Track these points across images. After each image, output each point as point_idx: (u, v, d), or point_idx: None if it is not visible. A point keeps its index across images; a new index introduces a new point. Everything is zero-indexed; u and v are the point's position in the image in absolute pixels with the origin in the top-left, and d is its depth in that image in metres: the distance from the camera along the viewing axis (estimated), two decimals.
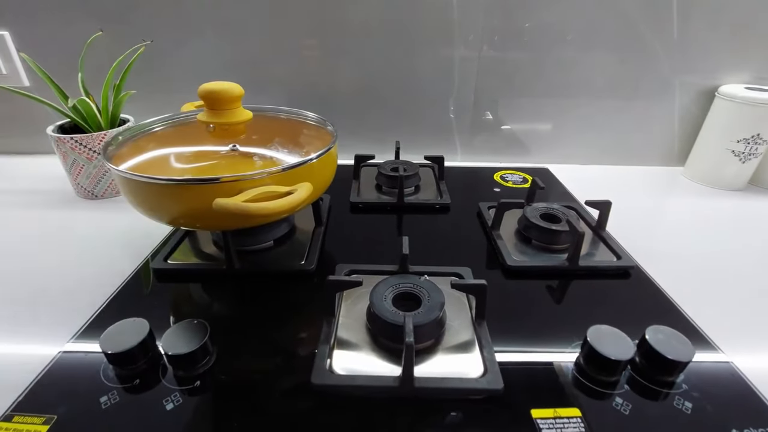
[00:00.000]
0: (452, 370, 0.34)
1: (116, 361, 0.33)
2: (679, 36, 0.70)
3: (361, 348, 0.36)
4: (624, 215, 0.57)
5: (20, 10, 0.67)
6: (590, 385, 0.34)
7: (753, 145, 0.69)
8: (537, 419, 0.31)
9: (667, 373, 0.34)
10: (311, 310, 0.42)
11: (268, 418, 0.31)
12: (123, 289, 0.44)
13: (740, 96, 0.68)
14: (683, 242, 0.57)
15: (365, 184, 0.68)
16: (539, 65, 0.73)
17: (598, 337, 0.34)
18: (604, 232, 0.53)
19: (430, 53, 0.72)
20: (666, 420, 0.31)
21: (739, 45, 0.71)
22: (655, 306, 0.43)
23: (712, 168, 0.75)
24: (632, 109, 0.77)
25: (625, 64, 0.73)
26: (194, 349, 0.33)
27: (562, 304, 0.44)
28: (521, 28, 0.70)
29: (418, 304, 0.37)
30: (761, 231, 0.61)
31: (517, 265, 0.48)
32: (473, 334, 0.37)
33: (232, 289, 0.45)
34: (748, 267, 0.52)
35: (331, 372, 0.34)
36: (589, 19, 0.70)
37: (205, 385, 0.33)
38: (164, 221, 0.41)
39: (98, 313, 0.40)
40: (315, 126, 0.53)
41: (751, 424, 0.31)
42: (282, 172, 0.39)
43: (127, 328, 0.34)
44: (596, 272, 0.48)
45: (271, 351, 0.37)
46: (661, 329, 0.35)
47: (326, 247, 0.52)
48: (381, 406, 0.32)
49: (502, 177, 0.73)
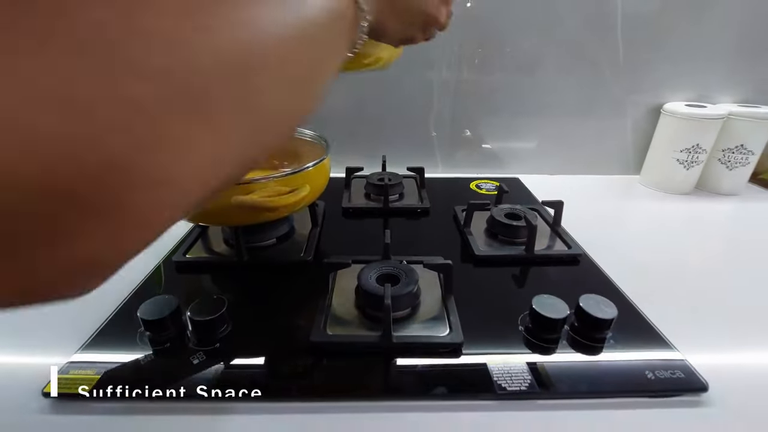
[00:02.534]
0: (424, 333, 0.42)
1: (151, 327, 0.41)
2: (625, 61, 0.81)
3: (351, 318, 0.44)
4: (585, 218, 0.66)
5: None
6: (535, 341, 0.42)
7: (694, 154, 0.79)
8: (490, 365, 0.39)
9: (597, 330, 0.42)
10: (309, 291, 0.50)
11: (276, 369, 0.39)
12: (148, 279, 0.52)
13: (681, 112, 0.79)
14: (634, 237, 0.66)
15: (355, 192, 0.76)
16: (511, 88, 0.84)
17: (541, 303, 0.43)
18: (559, 227, 0.62)
19: (413, 77, 0.82)
20: (594, 366, 0.39)
21: (680, 68, 0.82)
22: (596, 284, 0.51)
23: (662, 175, 0.84)
24: (591, 125, 0.88)
25: (582, 86, 0.84)
26: (215, 316, 0.41)
27: (519, 284, 0.52)
28: (495, 56, 0.81)
29: (398, 282, 0.45)
30: (703, 228, 0.71)
31: (483, 254, 0.56)
32: (442, 305, 0.46)
33: (242, 277, 0.53)
34: (688, 255, 0.61)
35: (326, 332, 0.42)
36: (550, 48, 0.81)
37: (224, 347, 0.41)
38: (188, 218, 0.50)
39: (131, 295, 0.48)
40: (311, 141, 0.63)
41: (662, 366, 0.39)
42: (285, 177, 0.48)
43: (159, 301, 0.42)
44: (550, 259, 0.57)
45: (277, 322, 0.45)
46: (592, 296, 0.44)
47: (321, 244, 0.60)
48: (367, 360, 0.40)
49: (477, 185, 0.83)
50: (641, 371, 0.39)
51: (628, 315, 0.46)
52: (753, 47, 0.81)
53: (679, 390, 0.37)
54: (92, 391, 0.35)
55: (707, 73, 0.83)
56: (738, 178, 0.82)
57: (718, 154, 0.81)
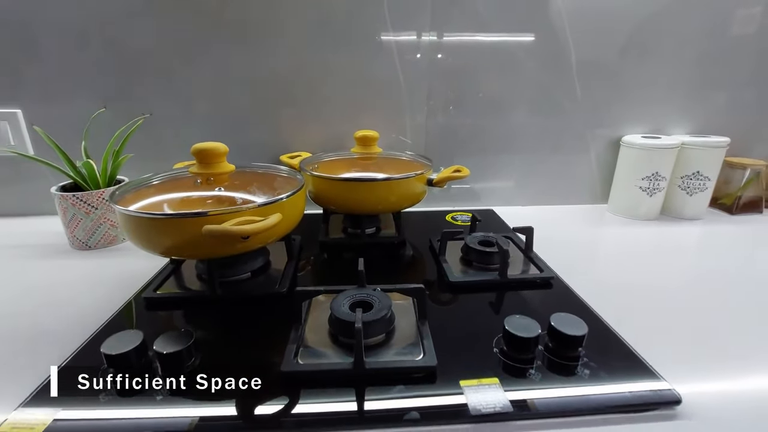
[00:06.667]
0: (398, 358, 0.42)
1: (114, 363, 0.39)
2: (584, 99, 0.87)
3: (324, 347, 0.44)
4: (557, 245, 0.67)
5: (33, 92, 0.79)
6: (509, 362, 0.42)
7: (655, 181, 0.84)
8: (464, 386, 0.38)
9: (570, 347, 0.42)
10: (283, 323, 0.49)
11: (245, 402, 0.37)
12: (116, 317, 0.50)
13: (638, 143, 0.84)
14: (605, 261, 0.68)
15: (333, 227, 0.77)
16: (482, 129, 0.88)
17: (513, 324, 0.43)
18: (531, 252, 0.64)
19: (387, 122, 0.86)
20: (569, 383, 0.39)
21: (634, 104, 0.89)
22: (569, 305, 0.52)
23: (628, 202, 0.88)
24: (559, 159, 0.92)
25: (548, 124, 0.89)
26: (182, 348, 0.40)
27: (494, 308, 0.53)
28: (466, 101, 0.86)
29: (371, 308, 0.45)
30: (669, 251, 0.73)
31: (457, 280, 0.57)
32: (416, 330, 0.45)
33: (214, 312, 0.52)
34: (656, 277, 0.62)
35: (298, 362, 0.41)
36: (518, 90, 0.86)
37: (191, 381, 0.39)
38: (159, 252, 0.49)
39: (97, 332, 0.46)
40: (287, 177, 0.64)
41: (636, 381, 0.39)
42: (258, 208, 0.49)
43: (124, 336, 0.41)
44: (523, 283, 0.57)
45: (248, 354, 0.44)
46: (563, 315, 0.44)
47: (297, 277, 0.60)
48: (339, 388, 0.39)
49: (453, 217, 0.85)
50: (616, 387, 0.38)
51: (601, 333, 0.46)
52: (700, 84, 0.88)
53: (654, 404, 0.37)
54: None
55: (660, 108, 0.90)
56: (699, 203, 0.86)
57: (678, 181, 0.86)
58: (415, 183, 0.67)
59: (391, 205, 0.71)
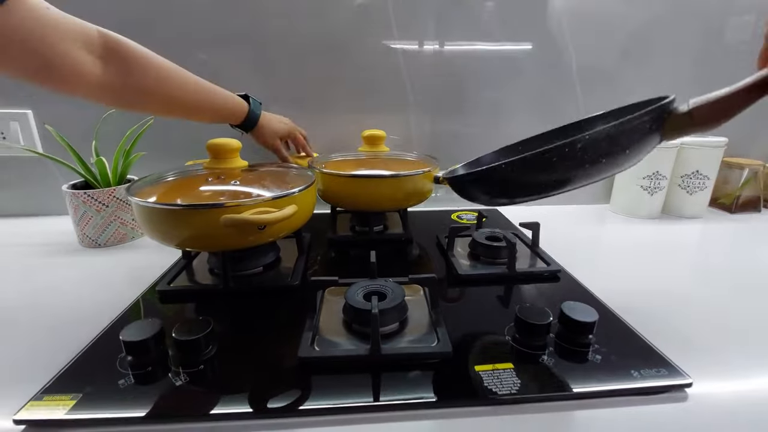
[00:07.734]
0: (413, 345, 0.42)
1: (133, 350, 0.40)
2: (585, 102, 0.89)
3: (340, 335, 0.44)
4: (561, 242, 0.68)
5: (43, 93, 0.80)
6: (520, 347, 0.42)
7: (655, 180, 0.85)
8: (479, 371, 0.39)
9: (580, 333, 0.43)
10: (297, 314, 0.49)
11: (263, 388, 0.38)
12: (130, 309, 0.51)
13: None
14: (609, 257, 0.69)
15: (340, 226, 0.78)
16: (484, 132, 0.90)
17: (525, 311, 0.44)
18: (537, 248, 0.65)
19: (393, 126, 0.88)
20: (581, 368, 0.40)
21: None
22: (577, 296, 0.53)
23: (629, 202, 0.90)
24: None
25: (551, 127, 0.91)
26: (200, 335, 0.40)
27: (503, 300, 0.53)
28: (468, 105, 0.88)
29: (385, 298, 0.46)
30: (671, 247, 0.74)
31: (466, 274, 0.58)
32: (429, 318, 0.46)
33: (228, 303, 0.52)
34: (659, 270, 0.64)
35: (314, 349, 0.41)
36: (519, 96, 0.88)
37: (209, 368, 0.40)
38: (175, 244, 0.50)
39: (113, 323, 0.47)
40: (298, 173, 0.65)
41: (646, 365, 0.40)
42: (273, 200, 0.50)
43: (142, 325, 0.41)
44: (531, 276, 0.58)
45: (264, 343, 0.44)
46: (572, 303, 0.45)
47: (308, 271, 0.60)
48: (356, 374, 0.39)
49: (459, 216, 0.86)
50: (627, 371, 0.39)
51: (609, 321, 0.47)
52: (699, 84, 0.90)
53: (665, 386, 0.38)
54: (66, 419, 0.34)
55: None
56: (699, 202, 0.88)
57: (678, 180, 0.87)
58: (422, 180, 0.69)
59: (399, 202, 0.72)
